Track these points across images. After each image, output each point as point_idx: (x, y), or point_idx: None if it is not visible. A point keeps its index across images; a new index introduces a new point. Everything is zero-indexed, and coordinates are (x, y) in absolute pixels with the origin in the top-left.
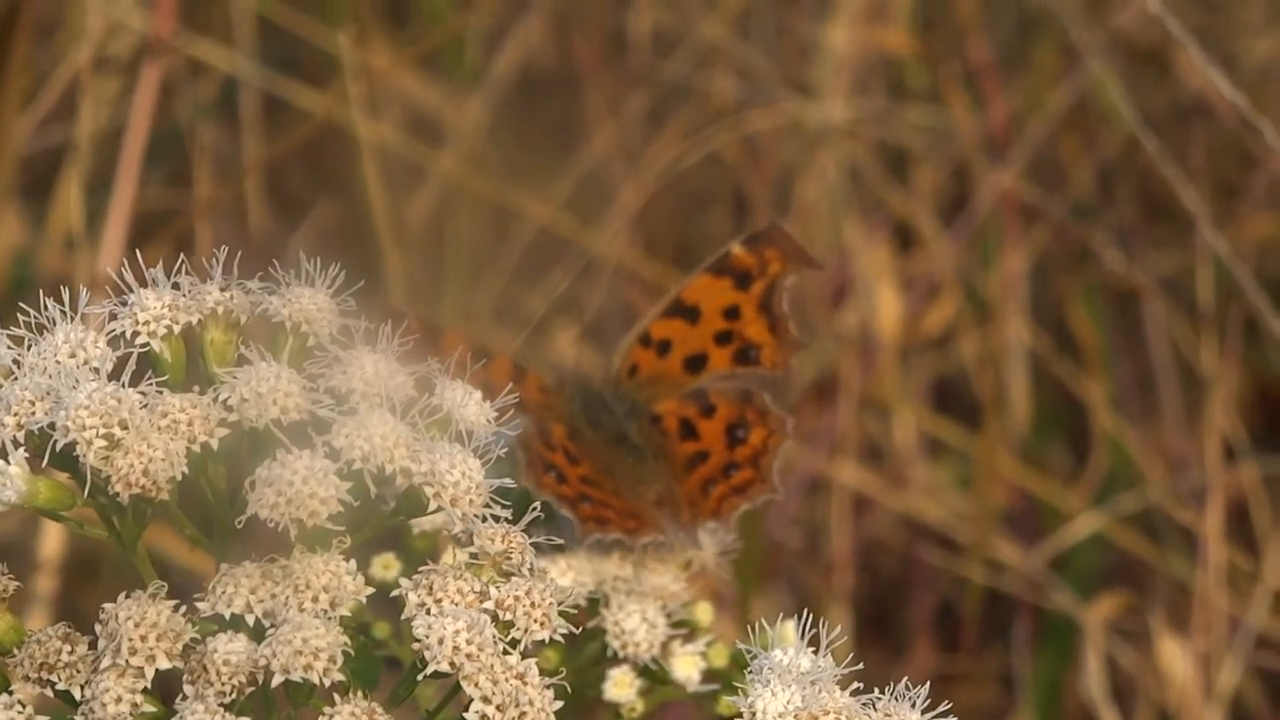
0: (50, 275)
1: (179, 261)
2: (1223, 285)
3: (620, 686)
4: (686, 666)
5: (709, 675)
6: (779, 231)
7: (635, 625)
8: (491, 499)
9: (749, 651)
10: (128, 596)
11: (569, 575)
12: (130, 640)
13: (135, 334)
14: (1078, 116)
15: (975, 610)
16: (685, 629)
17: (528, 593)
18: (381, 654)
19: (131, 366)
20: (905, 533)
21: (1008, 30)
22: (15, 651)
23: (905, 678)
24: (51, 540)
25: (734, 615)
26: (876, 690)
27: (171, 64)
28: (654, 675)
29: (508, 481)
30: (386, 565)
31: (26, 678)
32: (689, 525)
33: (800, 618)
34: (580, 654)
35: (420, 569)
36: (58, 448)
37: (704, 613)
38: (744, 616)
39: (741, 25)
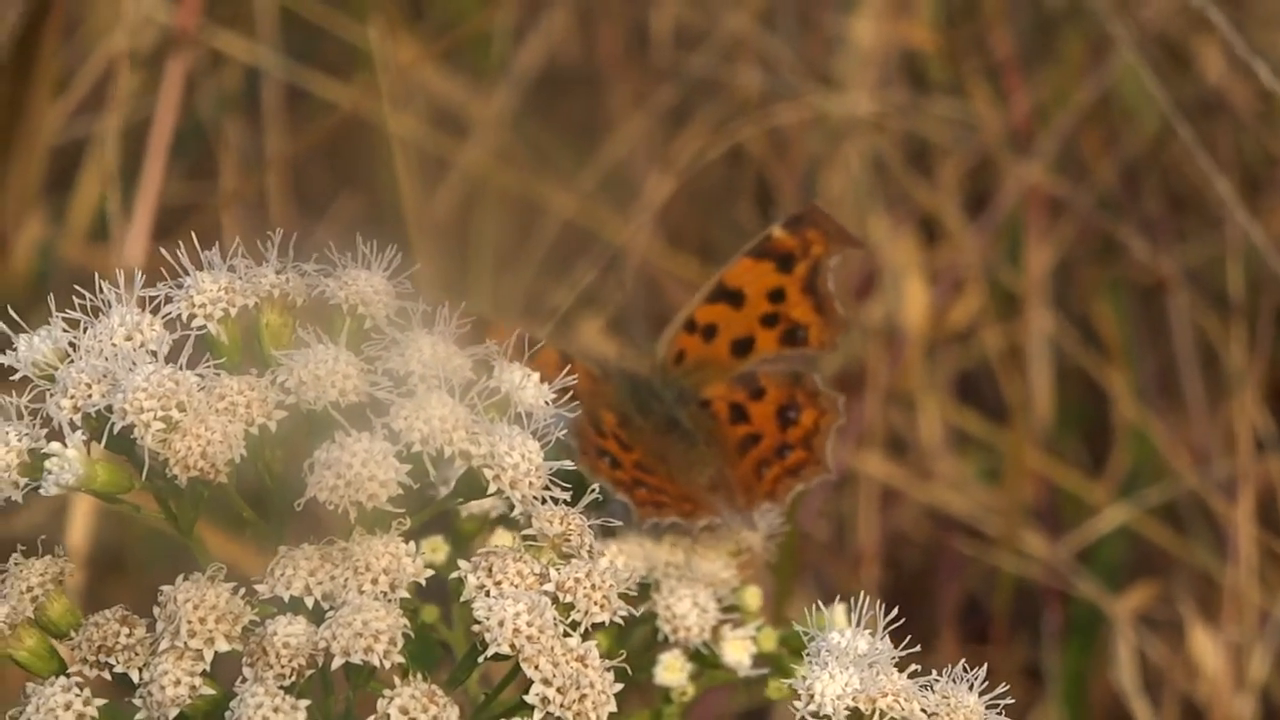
0: (73, 268)
1: (234, 247)
2: (1249, 277)
3: (671, 670)
4: (737, 651)
5: (758, 659)
6: (819, 213)
7: (686, 610)
8: (551, 481)
9: (805, 634)
10: (186, 578)
11: (620, 560)
12: (189, 622)
13: (192, 317)
14: (1101, 111)
15: (1003, 603)
16: (735, 614)
17: (588, 575)
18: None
19: (188, 350)
20: (931, 525)
21: (1030, 24)
22: (72, 634)
23: (962, 661)
24: (78, 532)
25: (770, 607)
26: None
27: (195, 57)
28: (705, 659)
29: (567, 464)
30: (435, 549)
31: (84, 660)
32: (745, 509)
33: (851, 602)
34: (631, 638)
35: (480, 551)
36: (115, 430)
37: (753, 597)
38: (780, 609)
39: (766, 19)
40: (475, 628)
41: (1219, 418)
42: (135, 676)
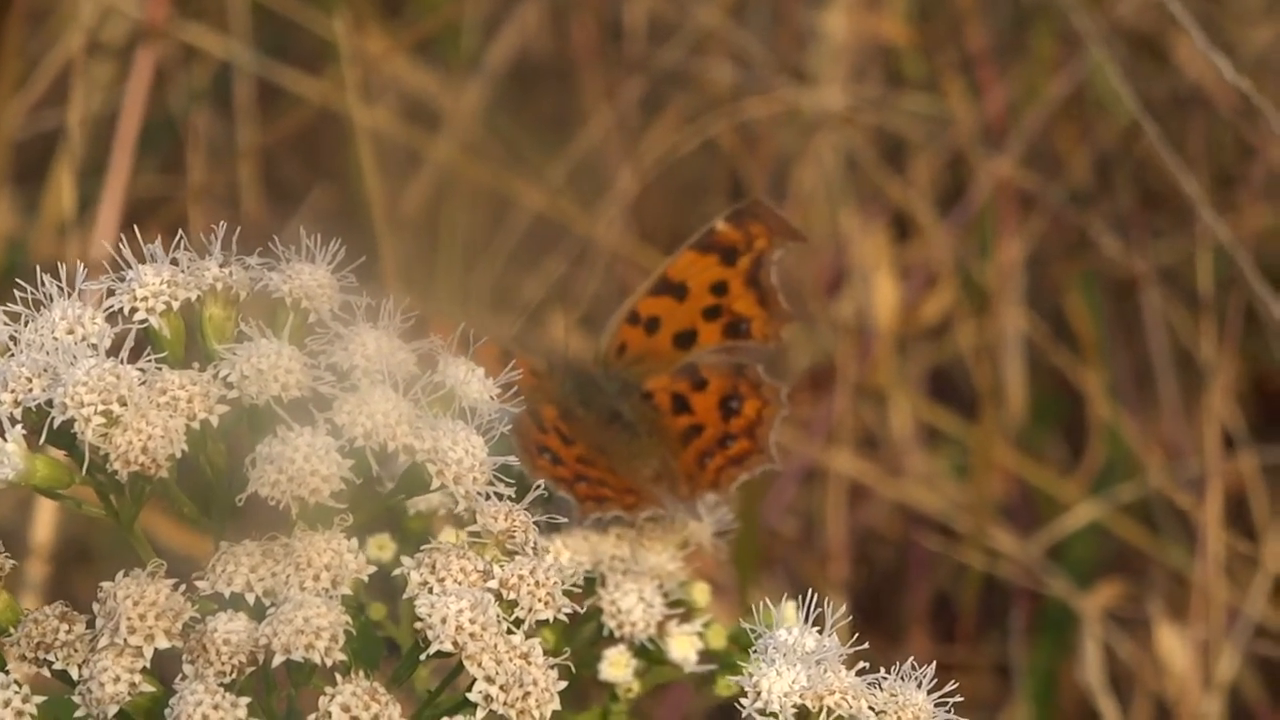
0: (43, 262)
1: (176, 239)
2: (1220, 275)
3: (616, 667)
4: (683, 646)
5: (706, 656)
6: (763, 207)
7: (632, 605)
8: (495, 477)
9: (752, 631)
10: (126, 575)
11: (565, 555)
12: (129, 619)
13: (134, 310)
14: (1074, 106)
15: (972, 600)
16: (682, 609)
17: (532, 572)
18: (378, 635)
19: (130, 343)
20: (901, 522)
21: (1004, 19)
22: (12, 630)
23: (910, 658)
24: (44, 525)
25: (731, 604)
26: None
27: (165, 50)
28: (650, 655)
29: (511, 459)
30: (382, 546)
31: (23, 657)
32: (688, 498)
33: (802, 599)
34: (576, 635)
35: (423, 547)
36: (55, 425)
37: (701, 593)
38: (742, 605)
39: (738, 12)
40: (417, 625)
41: (1193, 415)
42: (74, 673)
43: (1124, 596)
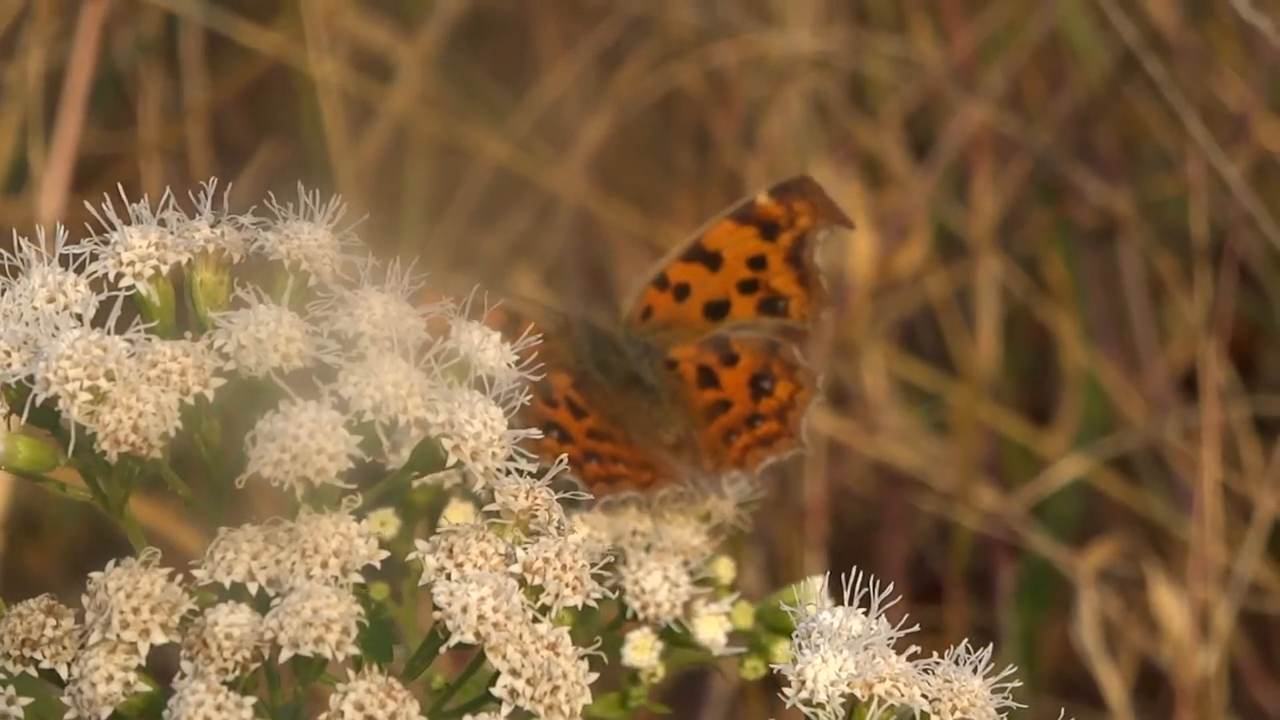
0: None
1: (165, 197)
2: (1183, 224)
3: (641, 650)
4: (711, 628)
5: (732, 636)
6: (809, 184)
7: (656, 584)
8: (515, 451)
9: (791, 611)
10: (117, 564)
11: (583, 531)
12: (122, 613)
13: (119, 276)
14: (1045, 53)
15: (959, 560)
16: (707, 587)
17: (558, 554)
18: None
19: (116, 312)
20: (877, 479)
21: None
22: None
23: (965, 640)
24: None
25: None
26: None
27: (111, 2)
28: (676, 638)
29: (534, 432)
30: (384, 522)
31: (7, 655)
32: (711, 473)
33: (851, 577)
34: (594, 616)
35: (439, 529)
36: (37, 402)
37: (725, 568)
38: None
39: None
40: (436, 614)
41: (1168, 365)
42: (63, 673)
43: (1116, 555)
